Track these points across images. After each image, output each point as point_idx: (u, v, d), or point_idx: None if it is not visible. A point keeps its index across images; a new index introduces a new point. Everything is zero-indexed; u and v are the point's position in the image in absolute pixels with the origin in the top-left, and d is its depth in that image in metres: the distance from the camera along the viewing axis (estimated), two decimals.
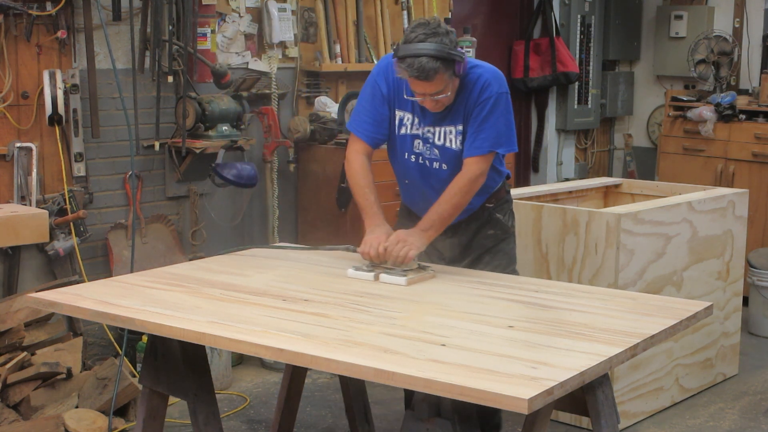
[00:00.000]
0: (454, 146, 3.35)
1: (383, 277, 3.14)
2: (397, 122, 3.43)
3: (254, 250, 3.61)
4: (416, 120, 3.39)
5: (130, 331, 4.41)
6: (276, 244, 3.74)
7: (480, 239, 3.57)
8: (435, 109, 3.30)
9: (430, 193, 3.44)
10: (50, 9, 4.41)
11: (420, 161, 3.44)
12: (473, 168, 3.30)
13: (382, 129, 3.45)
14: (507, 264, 3.57)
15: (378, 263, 3.22)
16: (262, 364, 5.07)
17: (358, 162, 3.46)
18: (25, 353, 4.08)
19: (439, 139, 3.37)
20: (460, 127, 3.33)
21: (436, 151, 3.39)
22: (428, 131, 3.38)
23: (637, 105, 7.81)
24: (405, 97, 3.32)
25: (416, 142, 3.42)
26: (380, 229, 3.31)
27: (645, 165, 7.73)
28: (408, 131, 3.42)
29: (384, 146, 3.59)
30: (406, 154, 3.46)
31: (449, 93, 3.21)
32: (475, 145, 3.29)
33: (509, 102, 3.34)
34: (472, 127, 3.29)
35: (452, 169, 3.37)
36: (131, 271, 4.29)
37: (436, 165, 3.41)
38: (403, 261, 3.16)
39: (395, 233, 3.26)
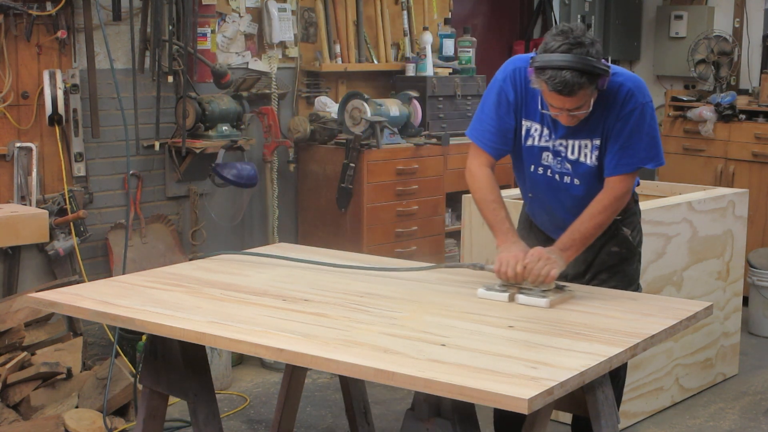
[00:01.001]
0: (588, 162, 3.07)
1: (520, 298, 2.88)
2: (523, 133, 3.14)
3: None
4: (546, 131, 3.10)
5: (125, 330, 4.41)
6: (401, 267, 3.33)
7: (603, 256, 3.25)
8: (570, 124, 3.00)
9: (558, 209, 3.21)
10: (50, 9, 4.41)
11: (549, 174, 3.15)
12: (619, 186, 3.04)
13: (507, 140, 3.15)
14: (625, 287, 3.22)
15: (513, 283, 2.94)
16: (262, 364, 5.07)
17: (483, 175, 3.15)
18: (25, 353, 4.08)
19: (572, 153, 3.08)
20: (597, 142, 3.04)
21: (568, 165, 3.11)
22: (560, 144, 3.09)
23: None
24: (540, 110, 3.05)
25: (545, 154, 3.13)
26: (516, 247, 3.01)
27: None
28: (536, 143, 3.12)
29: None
30: (533, 166, 3.17)
31: (589, 109, 2.94)
32: (622, 162, 3.02)
33: (654, 112, 3.05)
34: (616, 143, 3.01)
35: (585, 185, 3.11)
36: (123, 271, 4.29)
37: (567, 179, 3.13)
38: (545, 280, 2.89)
39: (534, 250, 2.95)
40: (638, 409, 4.36)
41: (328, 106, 5.56)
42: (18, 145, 4.43)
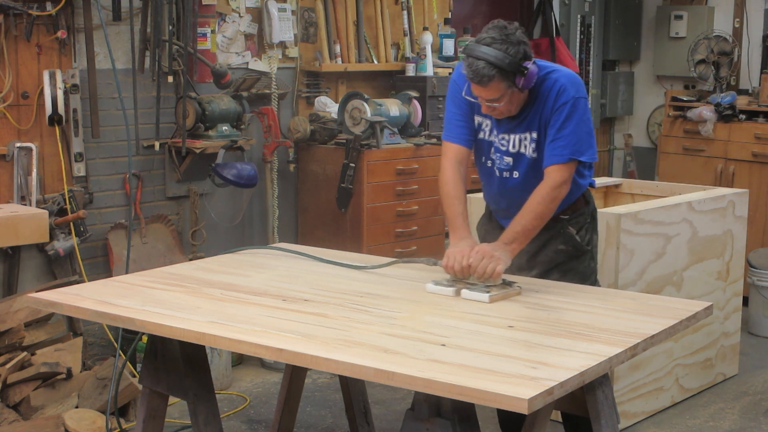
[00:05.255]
0: (527, 153, 3.23)
1: (465, 293, 2.95)
2: (476, 126, 3.33)
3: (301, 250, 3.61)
4: (492, 127, 3.28)
5: (126, 330, 4.41)
6: (364, 265, 3.35)
7: (548, 252, 3.38)
8: (495, 115, 3.19)
9: (502, 200, 3.38)
10: (50, 9, 4.41)
11: (494, 168, 3.34)
12: (554, 176, 3.16)
13: (471, 129, 3.32)
14: (579, 283, 3.31)
15: (461, 278, 3.03)
16: (262, 364, 5.07)
17: (449, 171, 3.29)
18: (25, 353, 4.08)
19: (513, 146, 3.25)
20: (535, 135, 3.20)
21: (508, 159, 3.28)
22: (503, 139, 3.26)
23: (637, 105, 7.81)
24: (463, 95, 3.21)
25: (492, 149, 3.31)
26: (465, 243, 3.13)
27: (645, 165, 7.73)
28: (485, 137, 3.31)
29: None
30: (484, 158, 3.37)
31: (503, 103, 3.09)
32: (556, 153, 3.16)
33: (587, 107, 3.21)
34: (551, 135, 3.16)
35: (524, 177, 3.26)
36: (126, 271, 4.29)
37: (506, 174, 3.31)
38: (490, 277, 2.97)
39: (479, 247, 3.06)
40: (638, 409, 4.36)
41: (328, 106, 5.56)
42: (18, 145, 4.43)
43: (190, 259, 4.65)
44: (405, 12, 6.02)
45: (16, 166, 4.43)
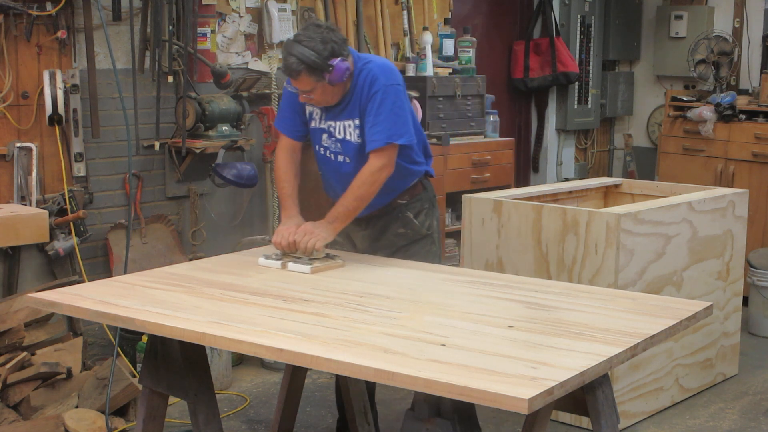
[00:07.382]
0: (353, 140, 3.47)
1: (290, 265, 3.29)
2: (307, 116, 3.59)
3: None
4: (322, 114, 3.52)
5: (125, 330, 4.41)
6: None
7: (389, 236, 3.64)
8: (314, 104, 3.45)
9: (337, 185, 3.58)
10: (50, 9, 4.41)
11: (327, 154, 3.58)
12: (373, 161, 3.39)
13: (300, 123, 3.61)
14: None
15: (288, 253, 3.37)
16: (262, 364, 5.07)
17: (280, 157, 3.64)
18: (25, 353, 4.08)
19: (339, 133, 3.50)
20: (357, 122, 3.44)
21: (339, 145, 3.52)
22: (330, 126, 3.51)
23: (637, 105, 7.81)
24: (285, 85, 3.51)
25: (323, 135, 3.55)
26: (291, 221, 3.48)
27: (645, 165, 7.73)
28: (317, 125, 3.56)
29: None
30: (317, 146, 3.62)
31: (315, 95, 3.36)
32: (373, 138, 3.38)
33: (400, 93, 3.42)
34: (368, 122, 3.40)
35: (355, 162, 3.48)
36: (125, 272, 4.30)
37: (340, 158, 3.54)
38: (311, 252, 3.32)
39: (304, 225, 3.41)
40: (638, 409, 4.36)
41: None
42: (18, 145, 4.43)
43: (190, 259, 4.65)
44: (405, 12, 6.02)
45: (16, 166, 4.43)
